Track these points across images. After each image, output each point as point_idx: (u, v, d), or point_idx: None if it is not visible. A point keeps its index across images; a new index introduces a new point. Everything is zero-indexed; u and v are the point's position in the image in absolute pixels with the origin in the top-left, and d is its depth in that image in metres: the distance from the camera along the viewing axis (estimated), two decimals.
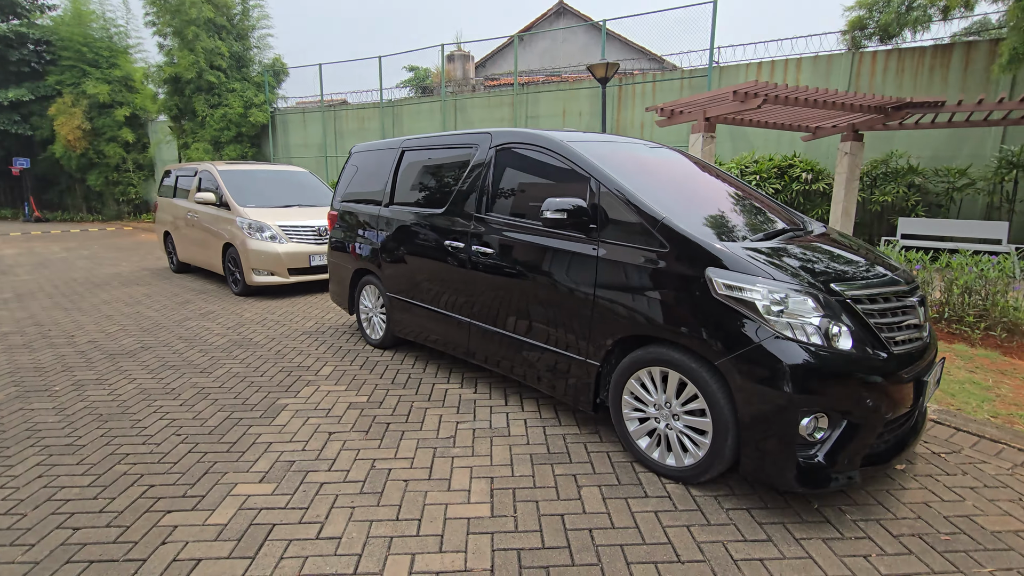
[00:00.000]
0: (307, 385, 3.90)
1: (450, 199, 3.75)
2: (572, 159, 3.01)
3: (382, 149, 4.64)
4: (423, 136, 4.24)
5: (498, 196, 3.45)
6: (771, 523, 2.31)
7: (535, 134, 3.27)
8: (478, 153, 3.60)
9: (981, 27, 12.84)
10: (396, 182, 4.36)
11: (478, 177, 3.56)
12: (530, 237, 3.15)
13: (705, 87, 12.04)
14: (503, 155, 3.45)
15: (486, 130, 3.63)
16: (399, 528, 2.28)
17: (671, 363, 2.52)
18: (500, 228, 3.35)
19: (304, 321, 5.73)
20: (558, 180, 3.12)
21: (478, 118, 15.41)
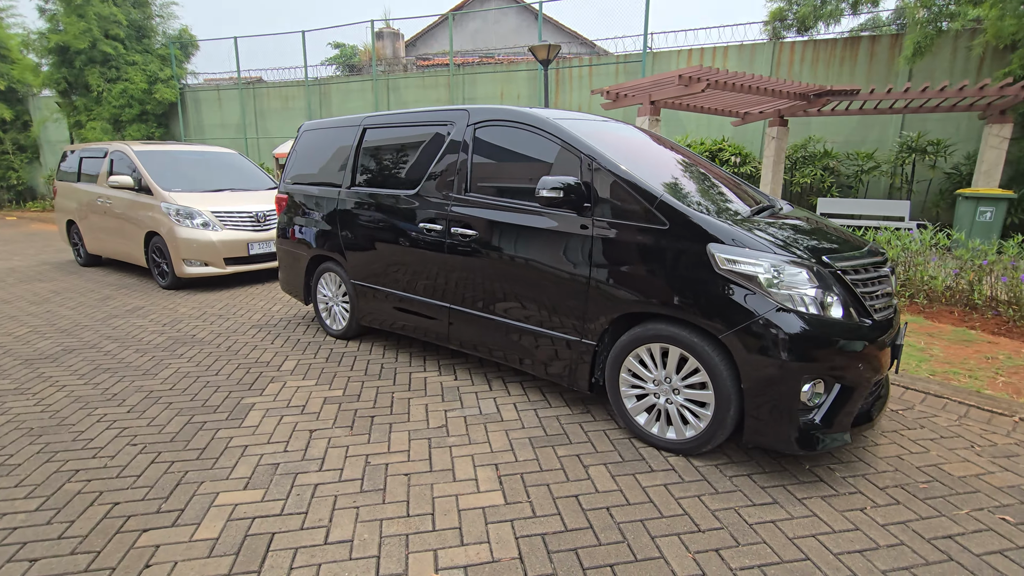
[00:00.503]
0: (272, 382, 3.61)
1: (423, 179, 3.58)
2: (562, 137, 2.95)
3: (339, 127, 4.34)
4: (388, 113, 4.00)
5: (478, 175, 3.32)
6: (773, 486, 2.43)
7: (519, 111, 3.17)
8: (454, 131, 3.45)
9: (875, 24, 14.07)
10: (358, 162, 4.10)
11: (455, 156, 3.41)
12: (518, 217, 3.07)
13: (639, 72, 12.34)
14: (483, 133, 3.32)
15: (462, 107, 3.48)
16: (413, 524, 2.17)
17: (672, 339, 2.56)
18: (483, 209, 3.24)
19: (250, 314, 5.32)
20: (544, 159, 3.05)
21: (412, 99, 14.93)
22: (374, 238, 3.91)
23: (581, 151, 2.86)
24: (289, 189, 4.71)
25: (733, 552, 2.01)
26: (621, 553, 2.00)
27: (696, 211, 2.53)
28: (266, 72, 16.42)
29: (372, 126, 4.04)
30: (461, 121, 3.42)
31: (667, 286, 2.54)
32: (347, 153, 4.17)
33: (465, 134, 3.38)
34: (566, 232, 2.86)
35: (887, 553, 2.01)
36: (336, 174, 4.26)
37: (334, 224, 4.21)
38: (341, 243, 4.16)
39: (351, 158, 4.13)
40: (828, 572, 1.91)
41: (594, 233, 2.77)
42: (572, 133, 2.94)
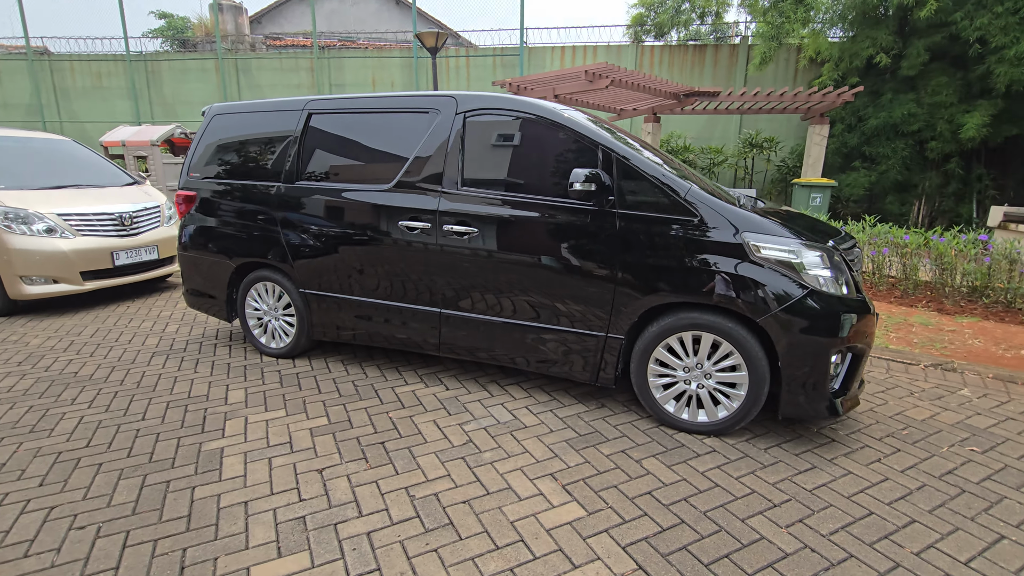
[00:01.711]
0: (228, 419, 2.98)
1: (401, 172, 3.21)
2: (575, 129, 2.85)
3: (268, 111, 3.69)
4: (341, 97, 3.50)
5: (472, 169, 3.08)
6: (803, 452, 2.66)
7: (524, 101, 2.99)
8: (440, 120, 3.14)
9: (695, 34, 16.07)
10: (303, 154, 3.53)
11: (442, 147, 3.11)
12: (529, 213, 2.92)
13: (516, 65, 12.57)
14: (476, 122, 3.07)
15: (447, 93, 3.18)
16: (510, 557, 1.95)
17: (706, 326, 2.65)
18: (484, 204, 3.01)
19: (140, 338, 4.32)
20: (552, 151, 2.93)
21: (268, 83, 13.42)
22: (332, 241, 3.42)
23: (599, 143, 2.80)
24: (197, 185, 3.90)
25: (814, 520, 2.16)
26: (727, 542, 2.03)
27: (726, 203, 2.64)
28: (69, 42, 13.43)
29: (320, 111, 3.50)
30: (447, 109, 3.13)
31: (703, 276, 2.61)
32: (286, 143, 3.57)
33: (454, 124, 3.10)
34: (590, 226, 2.79)
35: (921, 496, 2.32)
36: (270, 167, 3.63)
37: (273, 226, 3.59)
38: (285, 248, 3.57)
39: (293, 149, 3.54)
40: (891, 520, 2.15)
41: (620, 226, 2.74)
42: (584, 124, 2.86)
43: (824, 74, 10.55)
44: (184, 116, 13.52)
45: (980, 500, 2.30)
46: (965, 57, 9.38)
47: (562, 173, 2.89)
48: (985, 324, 4.63)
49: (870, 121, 10.44)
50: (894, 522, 2.15)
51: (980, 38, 8.78)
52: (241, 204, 3.72)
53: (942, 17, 8.94)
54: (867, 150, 10.73)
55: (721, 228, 2.59)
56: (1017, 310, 4.83)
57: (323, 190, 3.44)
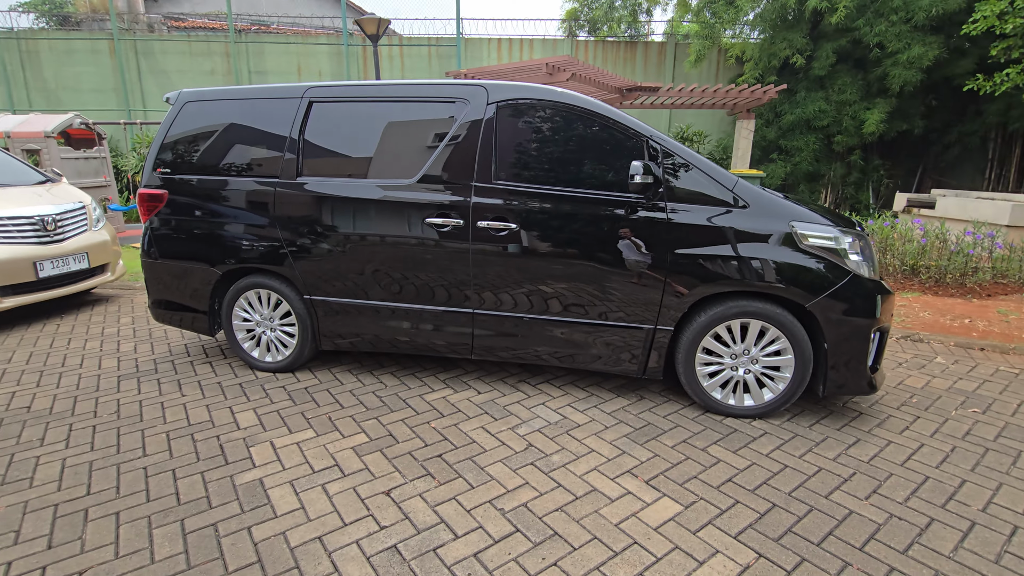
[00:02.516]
0: (251, 446, 2.64)
1: (426, 166, 3.00)
2: (618, 120, 2.81)
3: (258, 99, 3.29)
4: (349, 85, 3.20)
5: (507, 161, 2.94)
6: (843, 427, 2.83)
7: (560, 91, 2.90)
8: (469, 110, 2.96)
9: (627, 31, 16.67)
10: (304, 145, 3.19)
11: (473, 139, 2.95)
12: (573, 207, 2.84)
13: (453, 56, 12.31)
14: (509, 113, 2.94)
15: (476, 82, 3.00)
16: (634, 561, 1.90)
17: (755, 313, 2.73)
18: (523, 198, 2.89)
19: (92, 361, 3.73)
20: (592, 143, 2.87)
21: (175, 68, 12.13)
22: (344, 242, 3.14)
23: (645, 134, 2.78)
24: (172, 182, 3.41)
25: (886, 489, 2.30)
26: (824, 520, 2.11)
27: (771, 194, 2.73)
28: None
29: (323, 99, 3.18)
30: (477, 99, 2.96)
31: (754, 265, 2.68)
32: (282, 134, 3.21)
33: (486, 114, 2.94)
34: (640, 219, 2.77)
35: (958, 457, 2.55)
36: (264, 161, 3.25)
37: (269, 228, 3.23)
38: (285, 252, 3.22)
39: (293, 141, 3.19)
40: (947, 483, 2.35)
41: (670, 218, 2.74)
42: (627, 115, 2.83)
43: (746, 72, 11.33)
44: (71, 103, 11.83)
45: (1004, 456, 2.57)
46: (866, 60, 10.48)
47: (605, 165, 2.85)
48: (926, 298, 5.22)
49: (786, 117, 11.38)
50: (950, 484, 2.34)
51: (879, 43, 9.84)
52: (228, 203, 3.30)
53: (847, 23, 9.91)
54: (783, 143, 11.69)
55: (769, 218, 2.68)
56: (947, 284, 5.49)
57: (332, 187, 3.13)
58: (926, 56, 9.37)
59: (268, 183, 3.22)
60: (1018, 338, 4.18)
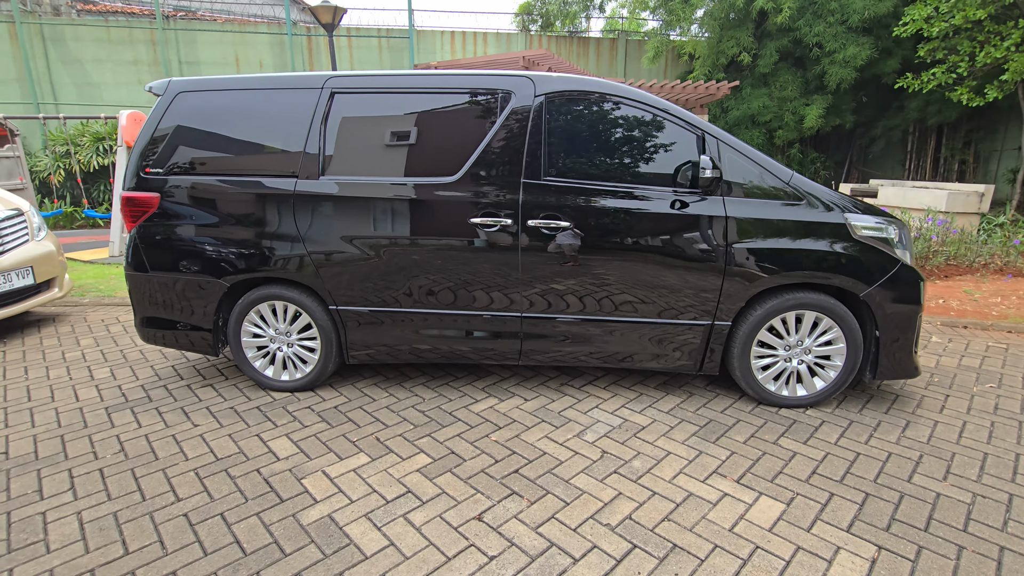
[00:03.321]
0: (302, 479, 2.36)
1: (470, 162, 2.81)
2: (674, 113, 2.75)
3: (267, 89, 2.95)
4: (377, 74, 2.92)
5: (556, 157, 2.80)
6: (888, 410, 2.93)
7: (612, 84, 2.79)
8: (515, 103, 2.79)
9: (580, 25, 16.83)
10: (328, 140, 2.89)
11: (520, 133, 2.78)
12: (631, 203, 2.75)
13: (406, 49, 11.89)
14: (558, 106, 2.80)
15: (522, 74, 2.83)
16: (766, 566, 1.84)
17: (810, 305, 2.77)
18: (577, 195, 2.77)
19: (65, 392, 3.23)
20: (647, 137, 2.79)
21: (92, 57, 10.94)
22: (378, 245, 2.88)
23: (703, 129, 2.74)
24: (158, 185, 2.99)
25: (956, 468, 2.39)
26: (919, 505, 2.15)
27: (823, 187, 2.76)
28: None
29: (347, 90, 2.89)
30: (523, 91, 2.80)
31: (812, 257, 2.71)
32: (301, 128, 2.90)
33: (533, 107, 2.78)
34: (698, 215, 2.72)
35: (1001, 432, 2.71)
36: (281, 159, 2.92)
37: (288, 232, 2.91)
38: (308, 258, 2.92)
39: (313, 135, 2.88)
40: (1004, 457, 2.48)
41: (729, 212, 2.72)
42: (682, 110, 2.77)
43: (696, 69, 11.73)
44: None
45: None
46: (805, 58, 11.13)
47: (660, 159, 2.78)
48: None
49: (733, 112, 11.89)
50: (1007, 459, 2.48)
51: (818, 43, 10.47)
52: (234, 207, 2.95)
53: (790, 23, 10.47)
54: None
55: (824, 210, 2.72)
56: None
57: (363, 186, 2.86)
58: (860, 55, 10.08)
59: (285, 183, 2.90)
60: (990, 315, 4.56)
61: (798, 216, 2.71)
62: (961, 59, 8.60)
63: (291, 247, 2.93)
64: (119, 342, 4.12)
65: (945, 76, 8.76)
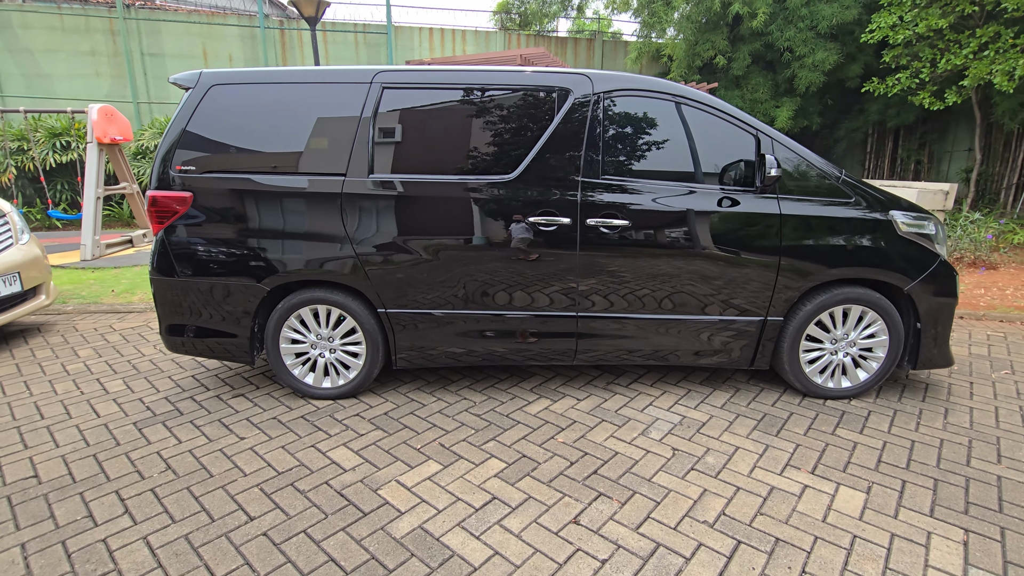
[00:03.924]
0: (377, 490, 2.26)
1: (527, 160, 2.76)
2: (730, 113, 2.78)
3: (310, 83, 2.81)
4: (429, 70, 2.83)
5: (614, 155, 2.80)
6: (925, 399, 3.07)
7: (668, 83, 2.81)
8: (573, 100, 2.76)
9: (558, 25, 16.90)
10: (378, 137, 2.78)
11: (578, 131, 2.76)
12: (688, 201, 2.77)
13: (384, 45, 11.64)
14: (615, 105, 2.78)
15: (579, 71, 2.80)
16: (870, 555, 1.89)
17: (857, 299, 2.86)
18: (635, 194, 2.77)
19: (81, 408, 2.99)
20: (702, 136, 2.81)
21: (43, 47, 10.22)
22: (431, 245, 2.80)
23: (758, 128, 2.78)
24: (192, 182, 2.80)
25: (1005, 451, 2.52)
26: (985, 488, 2.25)
27: (869, 185, 2.86)
28: None
29: (398, 85, 2.79)
30: (581, 89, 2.77)
31: (861, 253, 2.80)
32: (349, 125, 2.78)
33: (592, 105, 2.76)
34: (754, 213, 2.77)
35: None
36: (327, 156, 2.79)
37: (336, 232, 2.79)
38: (356, 260, 2.80)
39: (364, 132, 2.77)
40: None
41: (782, 210, 2.78)
42: (736, 110, 2.81)
43: (672, 71, 11.97)
44: None
45: None
46: (776, 62, 11.55)
47: (717, 158, 2.81)
48: None
49: None
50: None
51: (789, 47, 10.89)
52: (278, 207, 2.80)
53: (763, 28, 10.84)
54: None
55: (872, 207, 2.81)
56: None
57: (414, 184, 2.77)
58: (828, 60, 10.53)
59: (332, 182, 2.77)
60: (979, 306, 4.85)
61: (848, 214, 2.80)
62: (923, 65, 9.11)
63: (338, 248, 2.80)
64: (122, 352, 3.85)
65: (909, 81, 9.27)
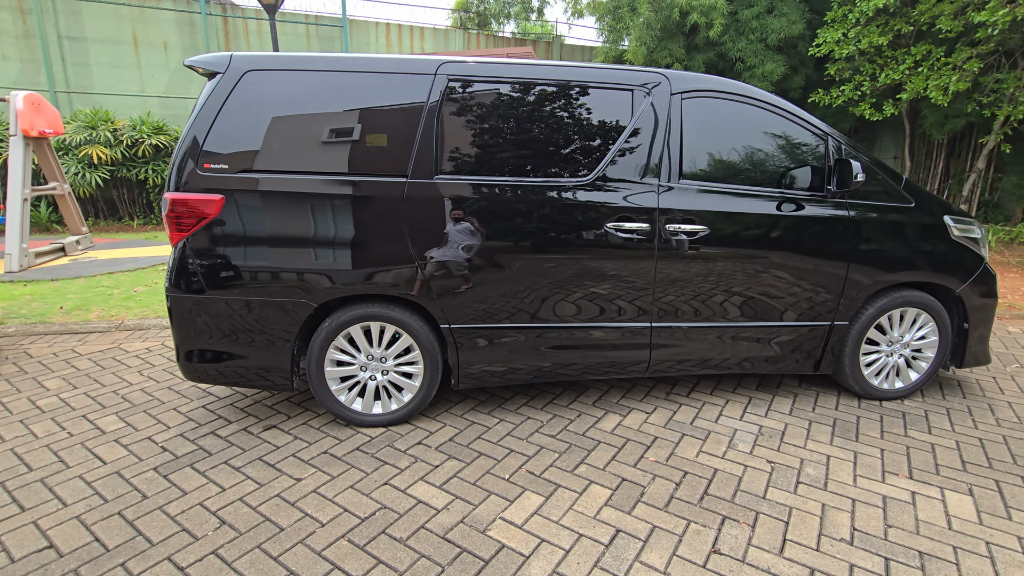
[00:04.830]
0: (487, 530, 2.00)
1: (604, 163, 2.59)
2: (803, 117, 2.76)
3: (364, 72, 2.48)
4: (499, 62, 2.59)
5: (692, 159, 2.69)
6: (965, 396, 3.20)
7: (744, 86, 2.75)
8: (651, 101, 2.62)
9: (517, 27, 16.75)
10: (442, 135, 2.51)
11: (657, 133, 2.63)
12: (763, 205, 2.71)
13: (339, 38, 11.04)
14: (693, 106, 2.67)
15: (656, 70, 2.67)
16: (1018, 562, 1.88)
17: (914, 302, 2.94)
18: (713, 198, 2.67)
19: (77, 452, 2.49)
20: (776, 140, 2.77)
21: None
22: (502, 253, 2.57)
23: (829, 134, 2.78)
24: (223, 183, 2.40)
25: None
26: None
27: (925, 190, 2.93)
28: None
29: (465, 78, 2.53)
30: (659, 88, 2.64)
31: (923, 258, 2.87)
32: (411, 121, 2.48)
33: (670, 106, 2.64)
34: (826, 217, 2.76)
35: None
36: (384, 154, 2.48)
37: (395, 240, 2.49)
38: (419, 270, 2.52)
39: (428, 130, 2.48)
40: None
41: (852, 215, 2.79)
42: (806, 113, 2.79)
43: None
44: None
45: None
46: (728, 71, 12.07)
47: (790, 163, 2.78)
48: None
49: None
50: None
51: (740, 58, 11.41)
52: (328, 212, 2.45)
53: (716, 39, 11.29)
54: None
55: (930, 212, 2.89)
56: None
57: (485, 186, 2.53)
58: (776, 71, 11.13)
59: (393, 184, 2.47)
60: None
61: (911, 218, 2.86)
62: (864, 79, 9.83)
63: (398, 257, 2.50)
64: (102, 381, 3.28)
65: (852, 93, 9.97)
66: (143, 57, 9.87)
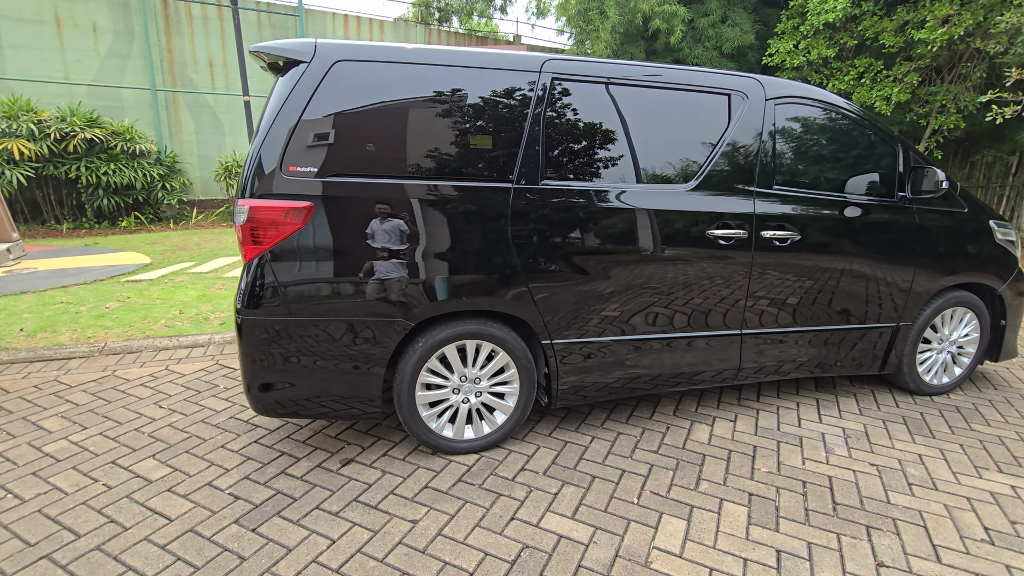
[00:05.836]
0: (650, 562, 1.87)
1: (704, 169, 2.52)
2: (879, 126, 2.83)
3: (460, 67, 2.25)
4: (606, 62, 2.44)
5: (784, 165, 2.68)
6: (999, 389, 3.43)
7: (830, 94, 2.76)
8: (748, 106, 2.57)
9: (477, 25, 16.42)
10: (545, 136, 2.33)
11: (753, 139, 2.59)
12: (846, 211, 2.76)
13: (294, 28, 10.35)
14: (784, 112, 2.66)
15: (751, 75, 2.62)
16: None
17: (963, 302, 3.11)
18: (805, 205, 2.68)
19: (129, 507, 2.10)
20: (856, 147, 2.83)
21: None
22: (609, 262, 2.44)
23: (900, 141, 2.86)
24: (309, 189, 2.09)
25: None
26: None
27: (971, 195, 3.11)
28: None
29: (572, 76, 2.36)
30: (754, 94, 2.60)
31: (976, 259, 3.04)
32: (517, 122, 2.29)
33: (765, 112, 2.61)
34: (900, 222, 2.84)
35: None
36: (487, 156, 2.27)
37: (502, 250, 2.29)
38: (525, 283, 2.33)
39: (533, 131, 2.30)
40: None
41: (919, 220, 2.90)
42: (881, 123, 2.87)
43: None
44: None
45: None
46: None
47: (869, 169, 2.85)
48: None
49: None
50: None
51: (697, 64, 11.85)
52: (430, 218, 2.21)
53: (675, 44, 11.66)
54: None
55: (979, 217, 3.06)
56: None
57: (590, 192, 2.38)
58: None
59: (497, 190, 2.27)
60: None
61: (966, 223, 3.02)
62: None
63: (503, 269, 2.31)
64: (116, 418, 2.81)
65: None
66: (67, 40, 8.72)
